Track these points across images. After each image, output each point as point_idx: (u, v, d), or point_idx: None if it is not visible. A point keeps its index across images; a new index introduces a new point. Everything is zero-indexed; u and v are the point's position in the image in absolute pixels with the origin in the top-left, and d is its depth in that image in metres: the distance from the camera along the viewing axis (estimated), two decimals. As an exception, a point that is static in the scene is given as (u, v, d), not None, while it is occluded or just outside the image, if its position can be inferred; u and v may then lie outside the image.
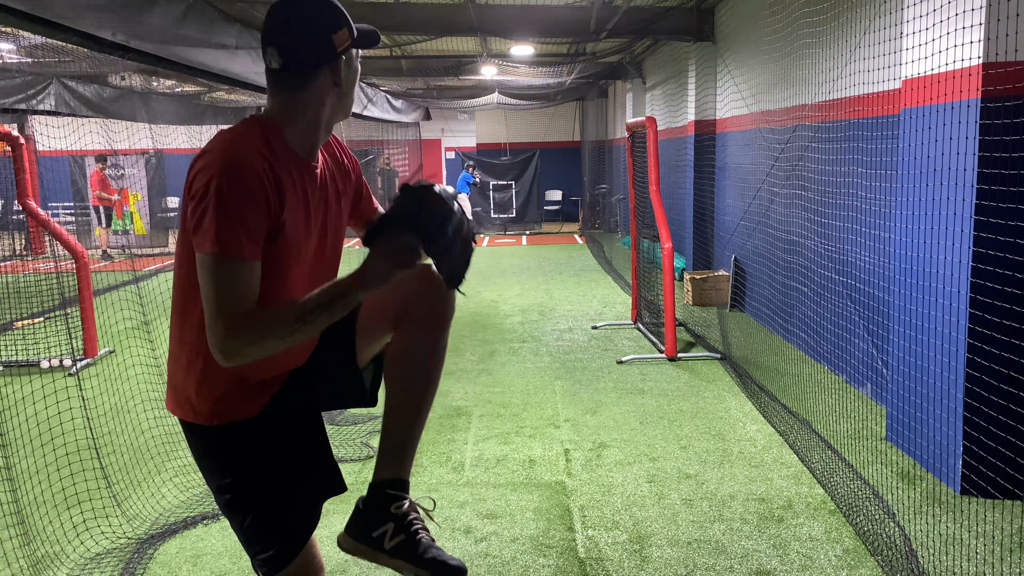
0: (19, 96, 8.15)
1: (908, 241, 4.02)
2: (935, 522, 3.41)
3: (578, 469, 4.14)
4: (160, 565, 3.24)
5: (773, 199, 6.82)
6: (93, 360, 6.52)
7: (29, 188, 6.47)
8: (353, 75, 1.72)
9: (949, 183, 3.64)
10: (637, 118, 7.69)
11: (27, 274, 9.88)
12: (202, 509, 3.73)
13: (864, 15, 5.01)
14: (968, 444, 3.57)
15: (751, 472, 4.04)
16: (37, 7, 3.50)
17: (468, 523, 3.54)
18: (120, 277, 10.42)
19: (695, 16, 8.62)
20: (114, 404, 5.16)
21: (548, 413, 5.05)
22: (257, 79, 6.22)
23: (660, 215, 6.55)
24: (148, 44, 4.53)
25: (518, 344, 6.89)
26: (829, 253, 5.60)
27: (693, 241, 9.26)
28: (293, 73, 1.63)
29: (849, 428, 4.56)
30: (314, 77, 1.64)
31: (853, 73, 5.14)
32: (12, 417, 4.73)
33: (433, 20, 8.35)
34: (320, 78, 1.64)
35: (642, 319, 7.40)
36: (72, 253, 6.59)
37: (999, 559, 3.09)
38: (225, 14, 5.67)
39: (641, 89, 12.80)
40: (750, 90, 7.52)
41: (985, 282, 3.46)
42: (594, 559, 3.22)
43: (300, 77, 1.63)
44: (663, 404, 5.15)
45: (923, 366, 3.91)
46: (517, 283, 10.33)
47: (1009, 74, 3.35)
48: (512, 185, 17.40)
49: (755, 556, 3.20)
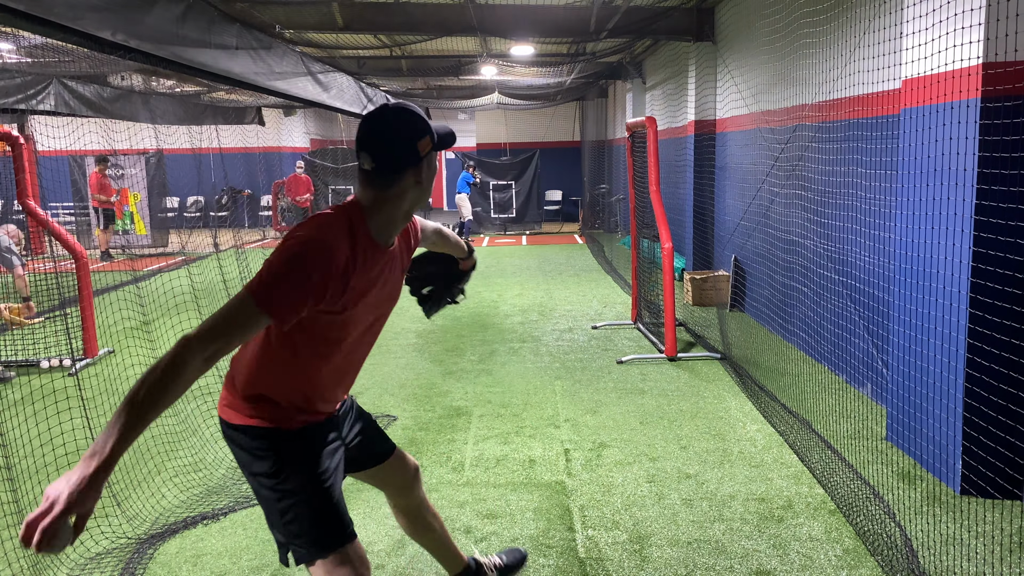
0: (19, 96, 8.14)
1: (908, 241, 4.02)
2: (935, 522, 3.41)
3: (578, 469, 4.14)
4: (160, 565, 3.24)
5: (773, 199, 6.82)
6: (93, 360, 6.52)
7: (29, 188, 6.47)
8: (432, 173, 1.98)
9: (949, 183, 3.64)
10: (637, 118, 7.69)
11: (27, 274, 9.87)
12: (202, 509, 3.74)
13: (864, 15, 5.00)
14: (968, 444, 3.57)
15: (751, 472, 4.04)
16: (37, 7, 3.50)
17: (468, 523, 3.54)
18: (120, 277, 10.43)
19: (695, 16, 8.62)
20: (114, 404, 5.16)
21: (548, 413, 5.05)
22: (257, 79, 6.22)
23: (660, 215, 6.55)
24: (148, 44, 4.53)
25: (518, 344, 6.89)
26: (829, 253, 5.60)
27: (693, 241, 9.26)
28: (383, 174, 1.89)
29: (849, 428, 4.56)
30: (400, 178, 1.90)
31: (853, 73, 5.14)
32: (12, 417, 4.74)
33: (433, 20, 8.36)
34: (405, 178, 1.91)
35: (642, 319, 7.40)
36: (72, 253, 6.59)
37: (999, 559, 3.09)
38: (225, 14, 5.67)
39: (641, 89, 12.80)
40: (750, 90, 7.53)
41: (985, 282, 3.46)
42: (594, 559, 3.22)
43: (389, 178, 1.89)
44: (663, 404, 5.15)
45: (923, 366, 3.91)
46: (517, 283, 10.33)
47: (1009, 74, 3.35)
48: (512, 185, 17.40)
49: (755, 556, 3.20)
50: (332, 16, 8.12)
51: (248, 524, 3.58)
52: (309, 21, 8.20)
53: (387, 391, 5.55)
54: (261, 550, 3.34)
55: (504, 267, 11.89)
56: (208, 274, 10.52)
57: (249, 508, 3.74)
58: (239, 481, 4.07)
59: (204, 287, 9.58)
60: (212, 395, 5.40)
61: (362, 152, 1.88)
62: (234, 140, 13.14)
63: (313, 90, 8.26)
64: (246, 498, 3.84)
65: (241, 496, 3.87)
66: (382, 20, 8.28)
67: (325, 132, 21.35)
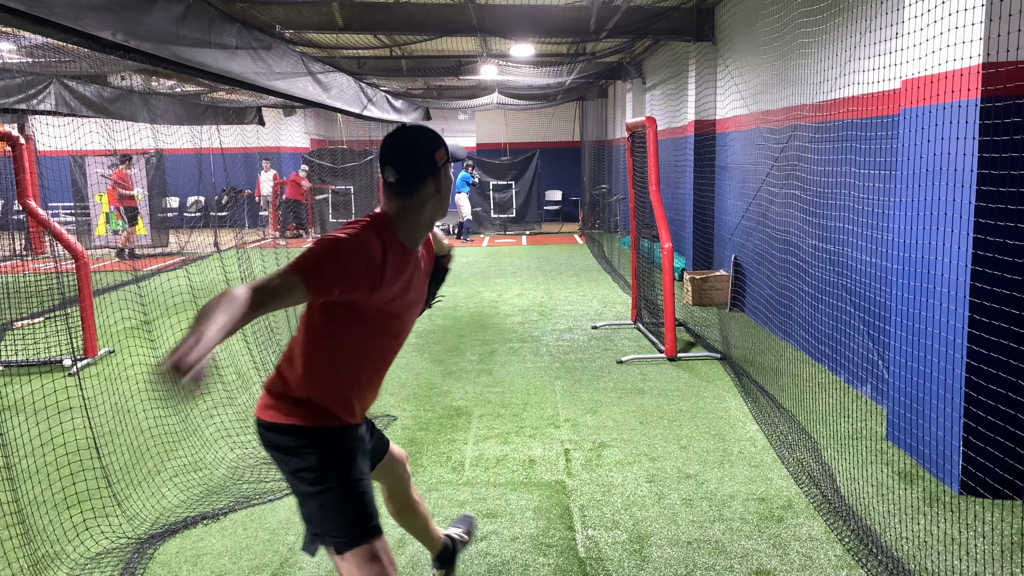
0: (19, 96, 8.14)
1: (908, 241, 4.02)
2: (935, 522, 3.41)
3: (578, 469, 4.15)
4: (160, 565, 3.25)
5: (773, 199, 6.82)
6: (93, 360, 6.52)
7: (29, 188, 6.47)
8: (449, 183, 2.24)
9: (949, 183, 3.64)
10: (637, 118, 7.69)
11: (27, 274, 9.88)
12: (202, 509, 3.74)
13: (863, 15, 5.01)
14: (968, 444, 3.58)
15: (751, 472, 4.04)
16: (37, 7, 3.50)
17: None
18: (120, 277, 10.43)
19: (695, 16, 8.62)
20: (114, 404, 5.17)
21: (548, 413, 5.05)
22: (257, 79, 6.22)
23: (660, 215, 6.55)
24: (148, 44, 4.53)
25: (518, 344, 6.89)
26: (829, 253, 5.60)
27: (693, 241, 9.26)
28: (406, 184, 2.14)
29: (849, 428, 4.56)
30: (422, 187, 2.16)
31: (852, 73, 5.14)
32: (12, 417, 4.74)
33: (433, 20, 8.36)
34: (426, 187, 2.16)
35: (642, 319, 7.40)
36: (72, 253, 6.59)
37: (998, 559, 3.09)
38: (225, 14, 5.67)
39: (641, 89, 12.80)
40: (750, 90, 7.53)
41: (984, 283, 3.46)
42: (594, 559, 3.22)
43: (411, 187, 2.15)
44: (663, 404, 5.16)
45: (923, 366, 3.91)
46: (517, 283, 10.33)
47: (1008, 74, 3.35)
48: (512, 185, 17.40)
49: (755, 556, 3.20)
50: (332, 16, 8.12)
51: (248, 524, 3.59)
52: (309, 21, 8.21)
53: (387, 391, 5.55)
54: (261, 550, 3.35)
55: (504, 267, 11.89)
56: (209, 274, 10.52)
57: (249, 508, 3.74)
58: (239, 481, 4.07)
59: (204, 287, 9.58)
60: (212, 395, 5.40)
61: (387, 166, 2.14)
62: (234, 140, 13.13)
63: (313, 90, 8.25)
64: (246, 498, 3.84)
65: (241, 496, 3.88)
66: (382, 20, 8.28)
67: (325, 132, 21.35)
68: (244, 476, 4.13)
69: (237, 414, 5.04)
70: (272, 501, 3.81)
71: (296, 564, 3.22)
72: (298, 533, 3.47)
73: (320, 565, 3.20)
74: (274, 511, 3.71)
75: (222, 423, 4.86)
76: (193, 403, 1.53)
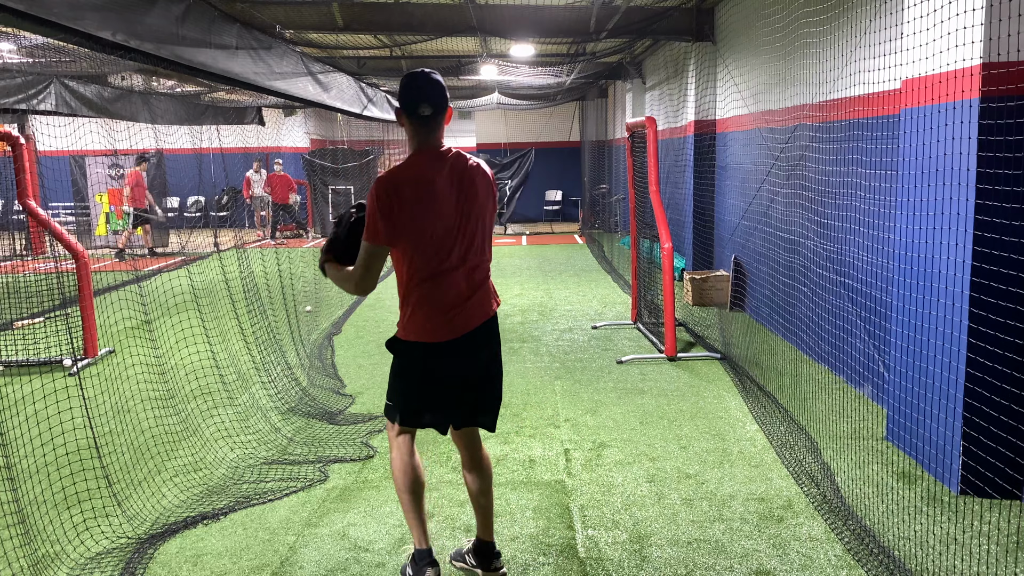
0: (19, 96, 8.14)
1: (908, 241, 4.02)
2: (934, 522, 3.41)
3: (578, 469, 4.15)
4: (160, 565, 3.25)
5: (773, 199, 6.83)
6: (93, 360, 6.52)
7: (29, 188, 6.47)
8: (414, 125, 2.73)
9: (950, 183, 3.64)
10: (637, 118, 7.69)
11: (27, 274, 9.89)
12: (202, 509, 3.74)
13: (864, 15, 5.01)
14: (967, 444, 3.58)
15: (751, 472, 4.04)
16: (37, 7, 3.50)
17: (468, 522, 3.55)
18: (120, 277, 10.43)
19: (695, 16, 8.62)
20: (114, 404, 5.17)
21: (548, 413, 5.05)
22: (257, 79, 6.22)
23: (660, 215, 6.56)
24: (148, 44, 4.53)
25: (518, 344, 6.89)
26: (829, 253, 5.60)
27: (693, 241, 9.26)
28: (440, 114, 2.71)
29: (849, 428, 4.56)
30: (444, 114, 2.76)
31: (853, 73, 5.14)
32: (12, 417, 4.74)
33: (433, 20, 8.36)
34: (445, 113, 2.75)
35: (642, 319, 7.40)
36: (72, 253, 6.59)
37: (998, 559, 3.09)
38: (225, 14, 5.68)
39: (641, 89, 12.80)
40: (750, 90, 7.53)
41: (986, 282, 3.46)
42: (594, 559, 3.22)
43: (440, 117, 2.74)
44: (663, 404, 5.16)
45: (923, 366, 3.91)
46: (517, 283, 10.33)
47: (1009, 74, 3.35)
48: (508, 183, 17.36)
49: (755, 556, 3.20)
50: (332, 16, 8.13)
51: (248, 524, 3.59)
52: (309, 21, 8.21)
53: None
54: (261, 550, 3.35)
55: (504, 267, 11.90)
56: (209, 274, 10.52)
57: (249, 508, 3.74)
58: (239, 481, 4.07)
59: (205, 287, 9.58)
60: (212, 395, 5.40)
61: (423, 103, 2.63)
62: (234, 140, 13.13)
63: (313, 90, 8.26)
64: (246, 498, 3.84)
65: (241, 496, 3.88)
66: (382, 20, 8.28)
67: (325, 132, 21.35)
68: (244, 476, 4.13)
69: (237, 414, 5.04)
70: (272, 501, 3.81)
71: (296, 564, 3.23)
72: (298, 533, 3.48)
73: (320, 565, 3.20)
74: (274, 511, 3.71)
75: (222, 423, 4.86)
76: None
